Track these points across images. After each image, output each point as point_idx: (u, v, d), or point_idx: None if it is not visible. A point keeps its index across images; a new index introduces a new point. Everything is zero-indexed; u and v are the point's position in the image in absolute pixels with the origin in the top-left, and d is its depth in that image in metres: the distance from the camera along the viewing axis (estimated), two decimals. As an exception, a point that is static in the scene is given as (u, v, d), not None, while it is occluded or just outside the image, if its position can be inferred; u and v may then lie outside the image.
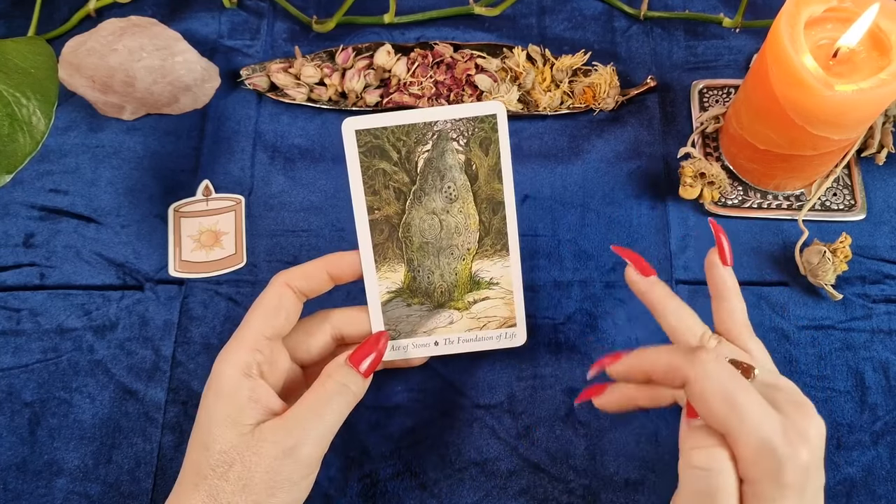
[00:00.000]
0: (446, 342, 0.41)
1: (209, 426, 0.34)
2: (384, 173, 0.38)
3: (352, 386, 0.36)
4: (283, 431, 0.34)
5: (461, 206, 0.39)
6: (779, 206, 0.49)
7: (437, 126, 0.38)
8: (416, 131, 0.38)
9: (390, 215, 0.39)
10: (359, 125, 0.38)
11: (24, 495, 0.43)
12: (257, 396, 0.35)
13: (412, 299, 0.40)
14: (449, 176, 0.39)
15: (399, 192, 0.39)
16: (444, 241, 0.40)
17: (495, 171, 0.39)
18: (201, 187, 0.49)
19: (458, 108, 0.38)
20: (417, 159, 0.39)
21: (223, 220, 0.49)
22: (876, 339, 0.46)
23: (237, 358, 0.36)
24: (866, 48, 0.41)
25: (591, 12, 0.56)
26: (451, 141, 0.38)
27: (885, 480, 0.43)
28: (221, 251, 0.48)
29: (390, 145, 0.38)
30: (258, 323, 0.37)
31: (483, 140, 0.39)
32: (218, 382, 0.35)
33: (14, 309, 0.47)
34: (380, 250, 0.39)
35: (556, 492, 0.43)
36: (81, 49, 0.49)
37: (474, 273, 0.40)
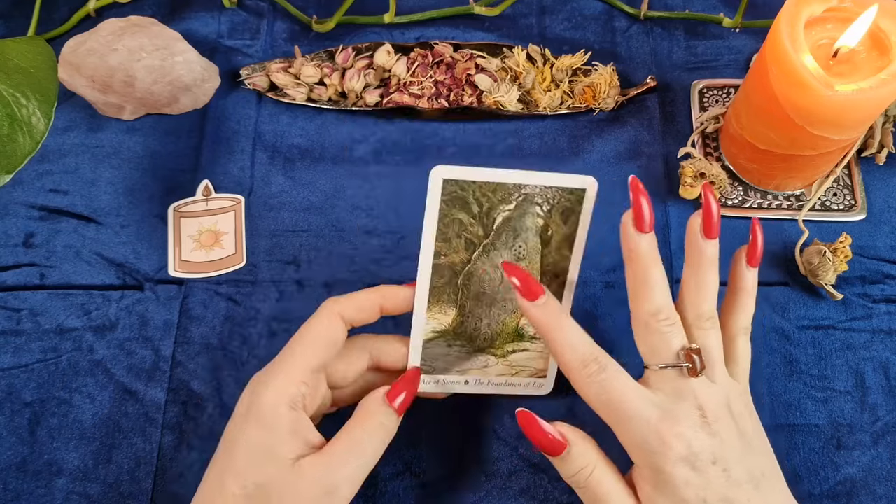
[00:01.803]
0: (476, 382, 0.41)
1: (247, 454, 0.33)
2: (460, 223, 0.38)
3: (388, 423, 0.35)
4: (325, 470, 0.33)
5: (526, 266, 0.39)
6: (779, 206, 0.49)
7: (526, 189, 0.38)
8: (503, 190, 0.38)
9: (455, 263, 0.39)
10: (448, 175, 0.37)
11: (23, 495, 0.43)
12: (299, 429, 0.34)
13: (455, 341, 0.40)
14: (523, 236, 0.38)
15: (469, 243, 0.38)
16: (499, 294, 0.39)
17: (568, 241, 0.39)
18: (201, 187, 0.49)
19: (551, 177, 0.37)
20: (497, 216, 0.38)
21: (223, 220, 0.49)
22: (876, 339, 0.46)
23: (284, 389, 0.34)
24: (866, 48, 0.41)
25: (591, 12, 0.56)
26: (534, 205, 0.38)
27: (885, 480, 0.43)
28: (221, 251, 0.48)
29: (474, 199, 0.38)
30: (308, 354, 0.35)
31: (566, 210, 0.38)
32: (260, 411, 0.34)
33: (14, 309, 0.47)
34: (435, 293, 0.39)
35: (556, 492, 0.43)
36: (81, 49, 0.49)
37: (521, 326, 0.40)
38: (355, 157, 0.51)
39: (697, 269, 0.36)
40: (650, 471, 0.33)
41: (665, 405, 0.34)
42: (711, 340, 0.36)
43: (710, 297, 0.36)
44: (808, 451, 0.43)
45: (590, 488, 0.34)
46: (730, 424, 0.34)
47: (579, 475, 0.35)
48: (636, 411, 0.33)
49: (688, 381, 0.34)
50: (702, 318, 0.36)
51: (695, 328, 0.36)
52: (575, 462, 0.35)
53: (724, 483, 0.32)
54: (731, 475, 0.33)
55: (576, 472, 0.35)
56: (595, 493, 0.34)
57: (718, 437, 0.33)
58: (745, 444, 0.34)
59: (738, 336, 0.37)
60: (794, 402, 0.44)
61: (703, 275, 0.36)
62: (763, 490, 0.33)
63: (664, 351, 0.35)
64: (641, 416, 0.33)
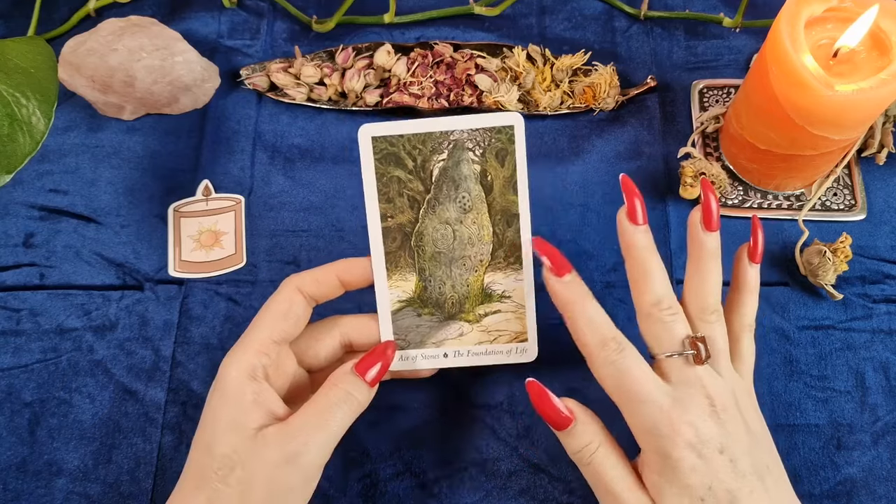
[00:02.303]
0: (456, 354, 0.40)
1: (213, 428, 0.34)
2: (399, 181, 0.38)
3: (357, 395, 0.36)
4: (286, 437, 0.34)
5: (475, 217, 0.39)
6: (779, 206, 0.49)
7: (454, 136, 0.38)
8: (432, 140, 0.38)
9: (403, 223, 0.39)
10: (375, 132, 0.37)
11: (23, 495, 0.43)
12: (262, 400, 0.35)
13: (423, 309, 0.40)
14: (464, 186, 0.38)
15: (413, 201, 0.38)
16: (456, 252, 0.39)
17: (511, 183, 0.38)
18: (201, 187, 0.49)
19: (476, 119, 0.37)
20: (432, 168, 0.38)
21: (223, 220, 0.49)
22: (876, 339, 0.46)
23: (243, 360, 0.35)
24: (866, 48, 0.41)
25: (591, 12, 0.56)
26: (466, 151, 0.38)
27: (885, 480, 0.43)
28: (221, 251, 0.48)
29: (406, 153, 0.38)
30: (266, 326, 0.36)
31: (500, 151, 0.38)
32: (223, 384, 0.35)
33: (14, 309, 0.47)
34: (392, 258, 0.39)
35: (556, 492, 0.43)
36: (81, 49, 0.49)
37: (486, 285, 0.39)
38: (355, 157, 0.51)
39: (699, 262, 0.37)
40: (657, 456, 0.34)
41: (674, 393, 0.34)
42: (717, 333, 0.36)
43: (713, 291, 0.36)
44: (808, 451, 0.43)
45: (593, 465, 0.35)
46: (737, 416, 0.34)
47: (583, 452, 0.35)
48: (648, 395, 0.34)
49: (695, 370, 0.35)
50: (706, 311, 0.36)
51: (699, 321, 0.36)
52: (580, 438, 0.35)
53: (729, 473, 0.33)
54: (736, 466, 0.33)
55: (580, 448, 0.35)
56: (597, 471, 0.35)
57: (726, 428, 0.33)
58: (751, 438, 0.34)
59: (742, 333, 0.38)
60: (794, 402, 0.44)
61: (705, 268, 0.36)
62: (767, 483, 0.33)
63: (668, 340, 0.35)
64: (654, 401, 0.34)
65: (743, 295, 0.38)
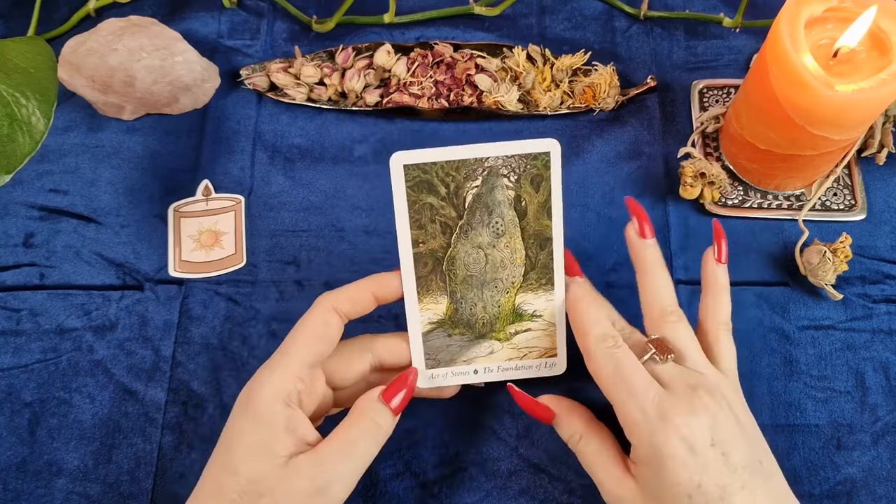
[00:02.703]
0: (486, 370, 0.40)
1: (241, 450, 0.34)
2: (431, 207, 0.38)
3: (383, 424, 0.36)
4: (316, 467, 0.33)
5: (508, 241, 0.39)
6: (779, 206, 0.49)
7: (489, 162, 0.37)
8: (466, 167, 0.37)
9: (435, 249, 0.38)
10: (407, 160, 0.37)
11: (23, 495, 0.43)
12: (294, 427, 0.34)
13: (453, 330, 0.40)
14: (497, 212, 0.38)
15: (445, 227, 0.38)
16: (488, 275, 0.39)
17: (545, 208, 0.38)
18: (201, 187, 0.49)
19: (512, 146, 0.37)
20: (466, 195, 0.38)
21: (223, 220, 0.49)
22: (876, 339, 0.46)
23: (280, 385, 0.34)
24: (866, 48, 0.41)
25: (591, 12, 0.56)
26: (501, 177, 0.38)
27: (885, 480, 0.43)
28: (221, 251, 0.48)
29: (439, 180, 0.37)
30: (303, 349, 0.36)
31: (535, 177, 0.38)
32: (255, 406, 0.34)
33: (14, 309, 0.47)
34: (423, 283, 0.39)
35: (556, 492, 0.43)
36: (81, 49, 0.49)
37: (517, 305, 0.40)
38: (355, 157, 0.51)
39: (645, 271, 0.39)
40: (647, 449, 0.34)
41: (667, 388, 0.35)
42: (681, 332, 0.38)
43: (667, 294, 0.39)
44: (808, 451, 0.43)
45: (580, 454, 0.37)
46: (727, 411, 0.35)
47: (570, 441, 0.38)
48: (642, 387, 0.34)
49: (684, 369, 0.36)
50: (665, 313, 0.38)
51: (663, 324, 0.38)
52: (564, 429, 0.38)
53: (720, 467, 0.33)
54: (728, 459, 0.33)
55: (567, 438, 0.38)
56: (584, 459, 0.37)
57: (716, 421, 0.34)
58: (742, 432, 0.35)
59: (719, 333, 0.38)
60: (794, 402, 0.44)
61: (653, 274, 0.39)
62: (760, 477, 0.34)
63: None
64: (646, 394, 0.34)
65: (714, 296, 0.39)
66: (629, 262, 0.48)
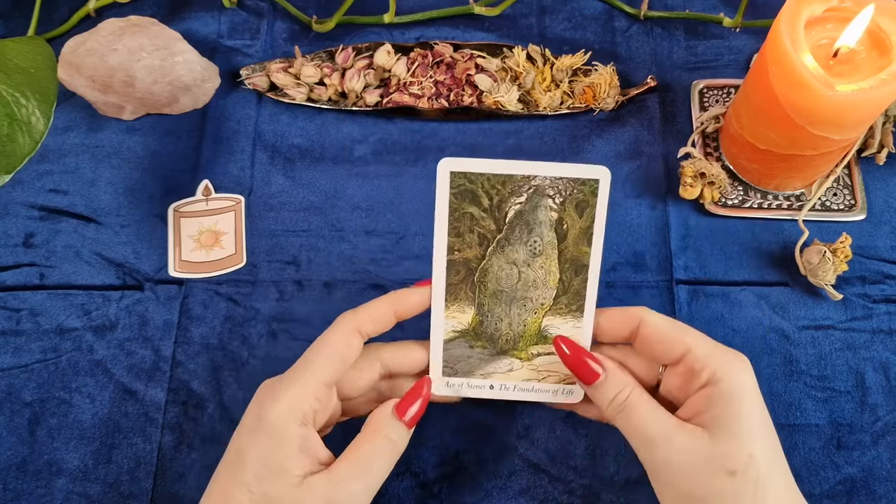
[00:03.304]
0: (502, 388, 0.40)
1: (254, 466, 0.33)
2: (472, 217, 0.38)
3: (397, 439, 0.35)
4: (331, 487, 0.33)
5: (543, 262, 0.38)
6: (779, 206, 0.49)
7: (536, 181, 0.37)
8: (512, 182, 0.37)
9: (469, 259, 0.38)
10: (455, 167, 0.37)
11: (23, 495, 0.43)
12: (308, 446, 0.34)
13: (476, 342, 0.39)
14: (537, 231, 0.38)
15: (483, 238, 0.38)
16: (518, 293, 0.39)
17: (586, 235, 0.38)
18: (201, 187, 0.49)
19: (561, 167, 0.37)
20: (508, 209, 0.38)
21: (223, 219, 0.49)
22: (876, 339, 0.46)
23: (297, 404, 0.34)
24: (866, 48, 0.41)
25: (591, 12, 0.56)
26: (546, 197, 0.37)
27: (885, 480, 0.43)
28: (221, 251, 0.48)
29: (483, 192, 0.37)
30: (322, 370, 0.35)
31: (580, 202, 0.37)
32: (270, 424, 0.34)
33: (14, 309, 0.47)
34: (452, 290, 0.39)
35: (556, 492, 0.43)
36: (81, 49, 0.49)
37: (543, 327, 0.39)
38: (355, 157, 0.51)
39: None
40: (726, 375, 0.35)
41: None
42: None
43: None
44: (808, 451, 0.43)
45: (627, 410, 0.35)
46: None
47: (616, 399, 0.36)
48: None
49: None
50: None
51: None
52: (611, 388, 0.36)
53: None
54: None
55: (612, 397, 0.36)
56: (631, 414, 0.35)
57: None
58: None
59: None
60: (794, 401, 0.44)
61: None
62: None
63: None
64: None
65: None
66: (629, 261, 0.48)
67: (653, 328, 0.36)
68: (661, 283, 0.47)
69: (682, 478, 0.33)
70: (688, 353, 0.35)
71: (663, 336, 0.36)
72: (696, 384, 0.35)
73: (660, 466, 0.34)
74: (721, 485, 0.32)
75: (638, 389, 0.36)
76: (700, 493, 0.33)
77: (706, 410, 0.34)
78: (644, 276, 0.48)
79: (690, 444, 0.33)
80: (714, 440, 0.33)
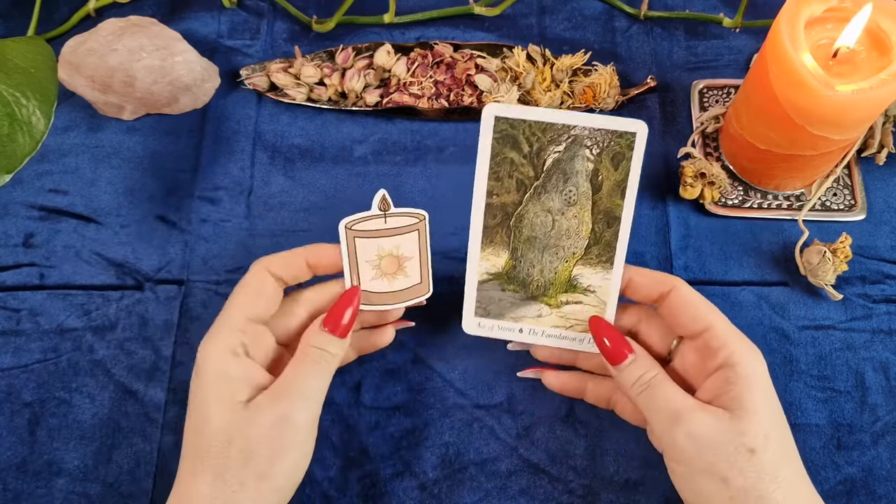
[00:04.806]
0: (531, 332, 0.41)
1: (203, 408, 0.35)
2: (512, 162, 0.39)
3: (331, 349, 0.37)
4: (275, 400, 0.35)
5: (577, 212, 0.39)
6: (779, 206, 0.49)
7: (575, 130, 0.38)
8: (552, 130, 0.38)
9: (507, 203, 0.39)
10: (500, 112, 0.38)
11: (23, 495, 0.43)
12: (246, 374, 0.36)
13: (508, 285, 0.41)
14: (573, 180, 0.39)
15: (521, 184, 0.39)
16: (552, 240, 0.40)
17: (620, 187, 0.39)
18: (377, 199, 0.40)
19: (601, 119, 0.38)
20: (547, 157, 0.39)
21: (405, 242, 0.40)
22: (876, 339, 0.46)
23: (222, 339, 0.36)
24: (866, 48, 0.41)
25: (591, 12, 0.56)
26: (584, 148, 0.38)
27: (885, 480, 0.43)
28: (406, 280, 0.41)
29: (524, 138, 0.38)
30: (240, 306, 0.37)
31: (616, 154, 0.38)
32: (206, 365, 0.36)
33: (14, 309, 0.47)
34: (488, 233, 0.40)
35: (556, 492, 0.43)
36: (81, 49, 0.49)
37: (573, 276, 0.40)
38: (355, 157, 0.51)
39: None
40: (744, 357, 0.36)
41: None
42: None
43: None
44: (808, 451, 0.43)
45: (652, 387, 0.36)
46: None
47: (644, 377, 0.37)
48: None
49: None
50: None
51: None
52: (638, 368, 0.37)
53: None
54: None
55: (638, 376, 0.37)
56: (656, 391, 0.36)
57: None
58: None
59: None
60: (794, 401, 0.44)
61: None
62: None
63: None
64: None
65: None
66: (629, 261, 0.48)
67: (683, 298, 0.37)
68: (661, 283, 0.47)
69: (703, 453, 0.34)
70: (708, 329, 0.36)
71: (691, 308, 0.37)
72: (712, 363, 0.36)
73: (682, 443, 0.35)
74: (742, 462, 0.33)
75: (662, 372, 0.37)
76: (721, 468, 0.34)
77: (725, 392, 0.35)
78: (644, 276, 0.48)
79: (713, 422, 0.34)
80: (734, 419, 0.34)
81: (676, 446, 0.35)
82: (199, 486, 0.34)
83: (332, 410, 0.44)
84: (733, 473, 0.33)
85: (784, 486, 0.33)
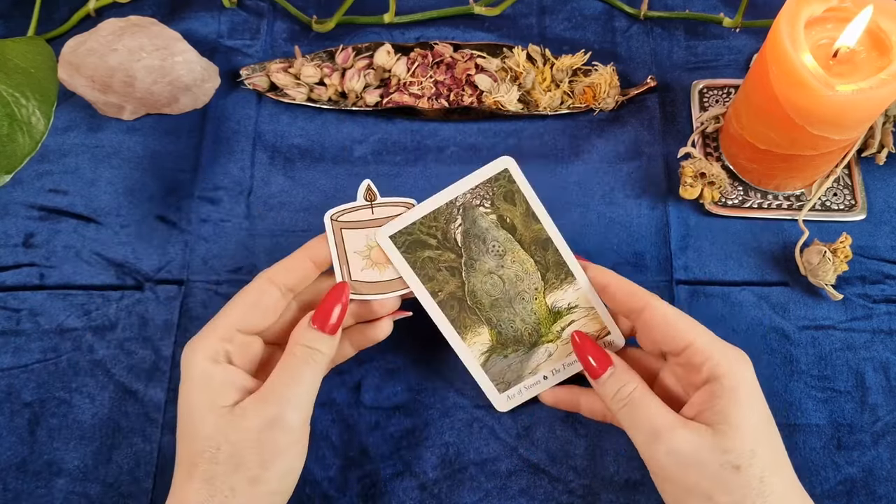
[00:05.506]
0: (553, 372, 0.42)
1: (189, 415, 0.35)
2: (431, 259, 0.40)
3: (321, 347, 0.37)
4: (262, 403, 0.35)
5: (512, 257, 0.41)
6: (779, 206, 0.49)
7: (459, 201, 0.40)
8: (441, 213, 0.40)
9: (453, 291, 0.41)
10: (390, 231, 0.39)
11: (23, 495, 0.43)
12: (229, 378, 0.35)
13: (506, 350, 0.42)
14: (490, 236, 0.40)
15: (451, 270, 0.40)
16: (511, 292, 0.41)
17: (529, 215, 0.40)
18: (362, 189, 0.40)
19: (471, 178, 0.39)
20: (455, 235, 0.40)
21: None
22: (876, 339, 0.46)
23: (204, 346, 0.36)
24: (866, 48, 0.41)
25: (591, 12, 0.56)
26: (476, 208, 0.40)
27: (885, 480, 0.43)
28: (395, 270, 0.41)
29: (425, 235, 0.40)
30: (233, 316, 0.37)
31: (506, 194, 0.40)
32: (189, 372, 0.36)
33: (14, 309, 0.47)
34: (458, 323, 0.41)
35: (556, 492, 0.43)
36: (81, 49, 0.49)
37: (551, 305, 0.41)
38: (355, 157, 0.51)
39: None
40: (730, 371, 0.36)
41: None
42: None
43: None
44: (808, 451, 0.43)
45: (631, 404, 0.36)
46: None
47: (622, 390, 0.36)
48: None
49: None
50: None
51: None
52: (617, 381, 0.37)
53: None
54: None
55: (618, 388, 0.37)
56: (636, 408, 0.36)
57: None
58: None
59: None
60: (794, 401, 0.44)
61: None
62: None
63: None
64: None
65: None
66: (629, 261, 0.48)
67: (660, 316, 0.37)
68: (662, 283, 0.47)
69: (687, 471, 0.33)
70: (689, 346, 0.36)
71: (669, 328, 0.37)
72: (696, 378, 0.36)
73: (663, 461, 0.34)
74: (727, 479, 0.33)
75: (643, 386, 0.36)
76: (705, 486, 0.33)
77: (709, 407, 0.34)
78: (644, 276, 0.48)
79: (695, 439, 0.34)
80: (717, 435, 0.33)
81: (658, 464, 0.34)
82: (191, 493, 0.33)
83: (332, 410, 0.44)
84: (718, 491, 0.33)
85: (772, 499, 0.33)
